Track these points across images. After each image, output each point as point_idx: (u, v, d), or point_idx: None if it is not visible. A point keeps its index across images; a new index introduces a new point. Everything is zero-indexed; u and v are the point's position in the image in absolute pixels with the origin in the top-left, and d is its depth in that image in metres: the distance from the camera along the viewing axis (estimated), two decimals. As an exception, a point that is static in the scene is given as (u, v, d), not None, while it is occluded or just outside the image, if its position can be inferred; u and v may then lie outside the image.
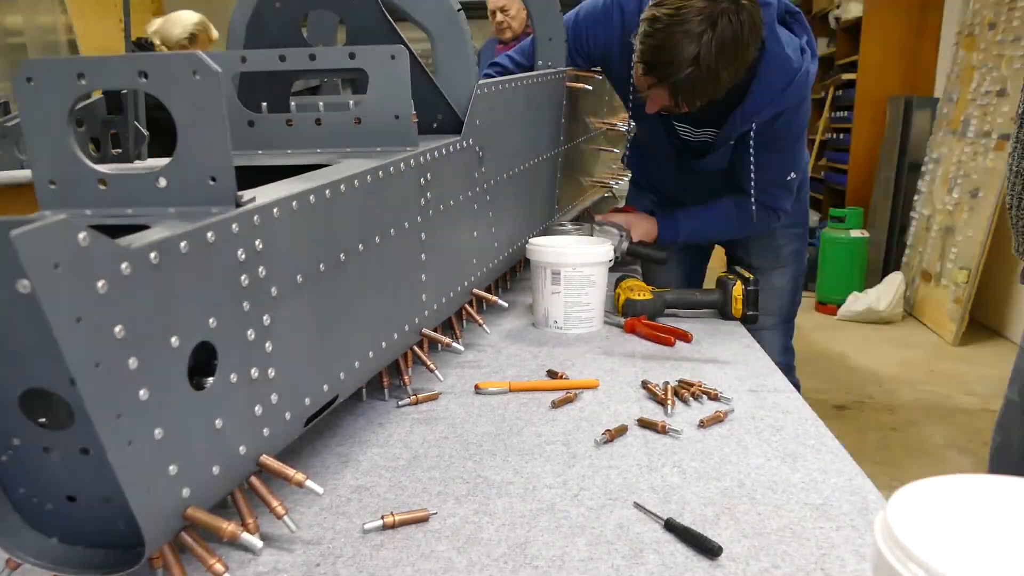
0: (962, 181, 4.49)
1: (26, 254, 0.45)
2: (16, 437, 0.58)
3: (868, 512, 0.77)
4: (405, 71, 0.99)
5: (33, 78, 0.65)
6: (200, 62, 0.62)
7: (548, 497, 0.81)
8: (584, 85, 1.76)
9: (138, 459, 0.55)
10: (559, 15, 1.72)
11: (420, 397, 1.06)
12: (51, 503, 0.61)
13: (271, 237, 0.70)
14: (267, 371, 0.70)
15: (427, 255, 1.05)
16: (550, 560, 0.69)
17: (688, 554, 0.70)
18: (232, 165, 0.65)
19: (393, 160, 0.94)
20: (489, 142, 1.27)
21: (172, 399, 0.58)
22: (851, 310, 4.84)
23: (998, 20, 4.42)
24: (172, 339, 0.58)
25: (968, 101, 4.60)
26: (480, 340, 1.33)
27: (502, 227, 1.37)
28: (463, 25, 1.20)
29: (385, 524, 0.74)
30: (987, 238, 4.16)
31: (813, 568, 0.68)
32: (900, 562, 0.41)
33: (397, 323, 0.98)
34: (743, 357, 1.24)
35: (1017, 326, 4.31)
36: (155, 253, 0.56)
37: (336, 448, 0.92)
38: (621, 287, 1.48)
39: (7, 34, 5.20)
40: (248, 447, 0.68)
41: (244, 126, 1.05)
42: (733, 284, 1.44)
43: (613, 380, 1.14)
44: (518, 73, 1.63)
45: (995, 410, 1.56)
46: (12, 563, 0.62)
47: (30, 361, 0.53)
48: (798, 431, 0.96)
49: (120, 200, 0.68)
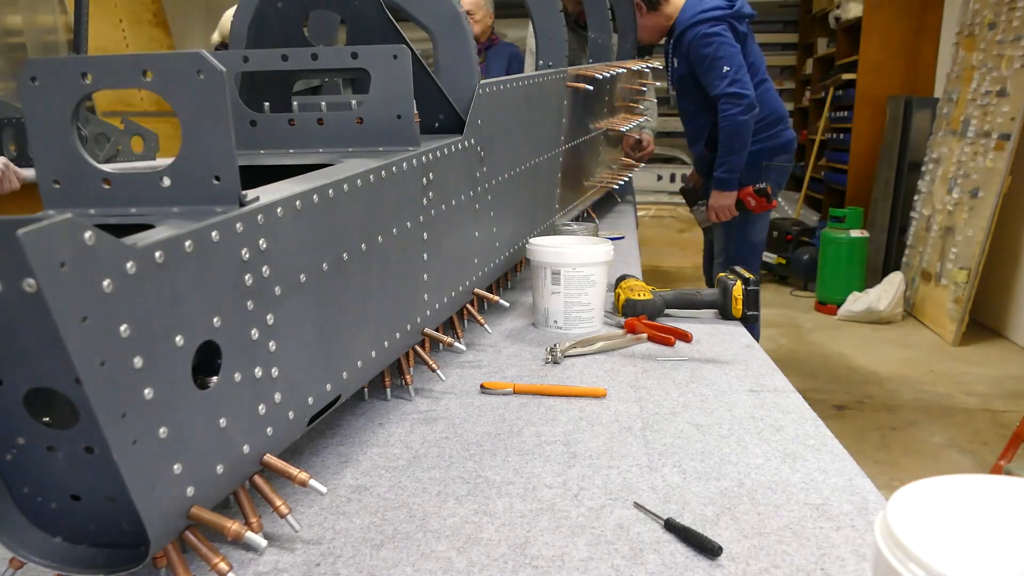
0: (962, 181, 4.50)
1: (32, 253, 0.46)
2: (21, 436, 0.58)
3: (868, 512, 0.77)
4: (407, 71, 0.99)
5: (37, 77, 0.65)
6: (204, 61, 0.63)
7: (548, 497, 0.81)
8: (584, 85, 1.76)
9: (143, 458, 0.55)
10: (560, 15, 1.73)
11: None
12: (55, 502, 0.61)
13: (275, 236, 0.70)
14: (271, 370, 0.71)
15: (429, 255, 1.05)
16: (550, 560, 0.70)
17: (688, 554, 0.70)
18: (236, 164, 0.65)
19: (395, 160, 0.94)
20: (490, 142, 1.27)
21: (176, 398, 0.59)
22: (851, 310, 4.85)
23: (998, 20, 4.42)
24: (177, 338, 0.58)
25: (968, 101, 4.61)
26: (481, 340, 1.33)
27: (503, 227, 1.38)
28: (465, 25, 1.20)
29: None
30: (987, 238, 4.17)
31: (813, 568, 0.68)
32: (900, 562, 0.41)
33: (399, 322, 0.98)
34: (743, 357, 1.24)
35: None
36: (160, 252, 0.56)
37: (336, 448, 0.93)
38: (621, 287, 1.49)
39: (7, 34, 5.19)
40: (252, 446, 0.69)
41: (246, 126, 1.06)
42: (733, 284, 1.45)
43: (613, 380, 1.15)
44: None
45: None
46: (16, 562, 0.62)
47: (35, 360, 0.54)
48: (798, 431, 0.96)
49: (124, 199, 0.68)
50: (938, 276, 4.59)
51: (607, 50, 2.42)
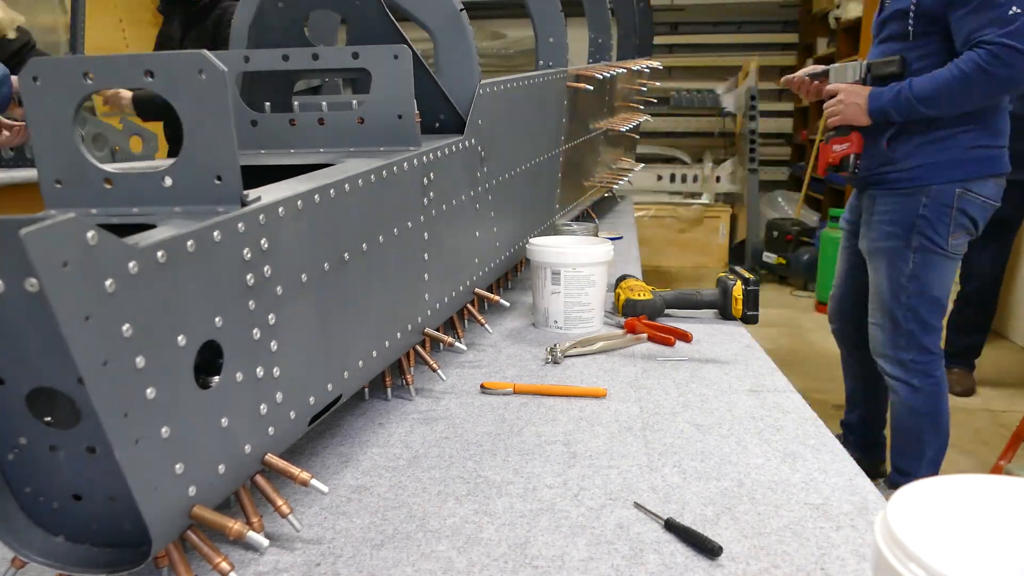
0: (962, 182, 4.49)
1: (35, 253, 0.46)
2: (23, 436, 0.58)
3: (868, 512, 0.77)
4: (408, 71, 0.99)
5: (39, 77, 0.65)
6: (206, 61, 0.63)
7: (548, 497, 0.81)
8: (584, 85, 1.76)
9: (145, 458, 0.56)
10: (560, 15, 1.73)
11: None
12: (57, 502, 0.61)
13: (276, 236, 0.70)
14: (272, 370, 0.71)
15: (429, 254, 1.05)
16: (550, 560, 0.70)
17: (688, 554, 0.71)
18: (238, 164, 0.66)
19: (396, 160, 0.94)
20: (491, 142, 1.27)
21: (178, 398, 0.59)
22: (850, 310, 4.84)
23: (998, 21, 4.41)
24: (179, 338, 0.58)
25: (968, 102, 4.60)
26: (481, 339, 1.33)
27: (504, 227, 1.38)
28: (466, 25, 1.20)
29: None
30: (986, 239, 4.16)
31: (813, 568, 0.68)
32: (900, 562, 0.41)
33: (400, 322, 0.98)
34: (743, 357, 1.25)
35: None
36: (162, 252, 0.56)
37: (336, 448, 0.93)
38: (621, 287, 1.49)
39: (8, 33, 5.18)
40: (253, 446, 0.69)
41: (247, 126, 1.06)
42: (733, 284, 1.45)
43: (613, 380, 1.15)
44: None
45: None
46: (18, 561, 0.62)
47: (37, 360, 0.54)
48: (798, 431, 0.96)
49: (126, 199, 0.68)
50: (938, 276, 4.59)
51: (607, 50, 2.43)
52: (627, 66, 2.33)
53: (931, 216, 1.94)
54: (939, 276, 1.99)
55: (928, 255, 1.97)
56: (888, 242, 2.02)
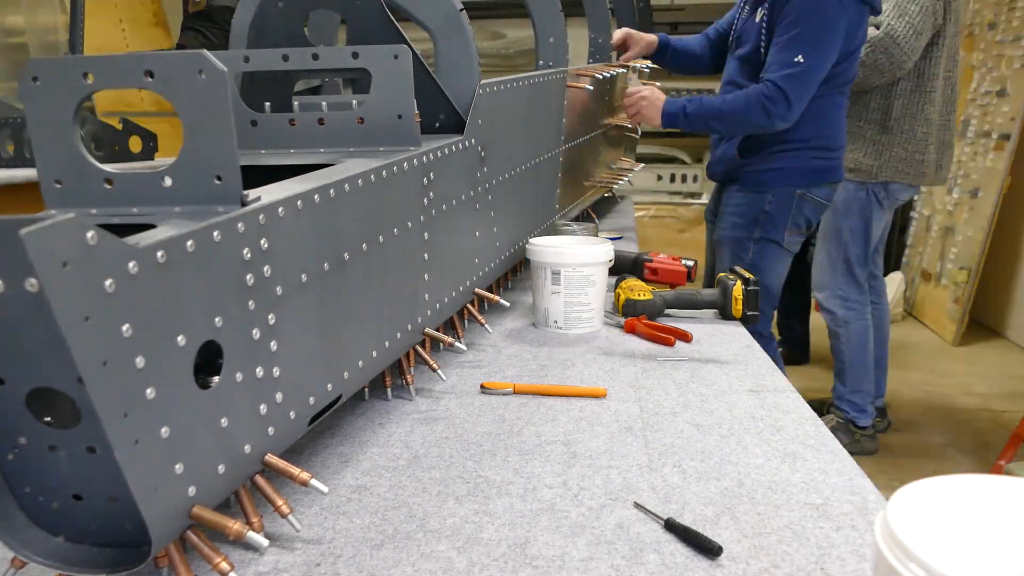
0: (962, 181, 4.50)
1: (35, 253, 0.46)
2: (22, 436, 0.58)
3: (868, 512, 0.77)
4: (408, 71, 0.99)
5: (39, 77, 0.65)
6: (206, 61, 0.63)
7: (548, 497, 0.81)
8: (584, 85, 1.76)
9: (145, 458, 0.56)
10: (560, 15, 1.73)
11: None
12: (57, 502, 0.61)
13: (276, 236, 0.70)
14: (272, 370, 0.71)
15: (429, 255, 1.05)
16: (550, 560, 0.70)
17: (688, 554, 0.71)
18: (238, 164, 0.66)
19: (396, 160, 0.94)
20: (491, 142, 1.27)
21: (178, 398, 0.59)
22: (851, 310, 4.84)
23: (998, 20, 4.42)
24: (179, 338, 0.58)
25: (968, 101, 4.60)
26: (481, 340, 1.33)
27: (504, 227, 1.38)
28: (466, 24, 1.20)
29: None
30: (987, 238, 4.17)
31: (813, 568, 0.68)
32: (900, 562, 0.41)
33: (400, 322, 0.98)
34: (743, 357, 1.25)
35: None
36: (162, 252, 0.56)
37: (336, 448, 0.93)
38: (621, 287, 1.49)
39: (8, 34, 5.19)
40: (253, 446, 0.69)
41: (247, 126, 1.06)
42: (733, 284, 1.45)
43: (613, 380, 1.15)
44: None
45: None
46: (18, 562, 0.62)
47: (37, 360, 0.54)
48: (798, 431, 0.96)
49: (126, 199, 0.68)
50: (938, 276, 4.60)
51: (607, 50, 2.42)
52: (627, 66, 2.33)
53: (774, 212, 2.22)
54: (773, 266, 2.28)
55: (767, 245, 2.25)
56: (733, 232, 2.29)
